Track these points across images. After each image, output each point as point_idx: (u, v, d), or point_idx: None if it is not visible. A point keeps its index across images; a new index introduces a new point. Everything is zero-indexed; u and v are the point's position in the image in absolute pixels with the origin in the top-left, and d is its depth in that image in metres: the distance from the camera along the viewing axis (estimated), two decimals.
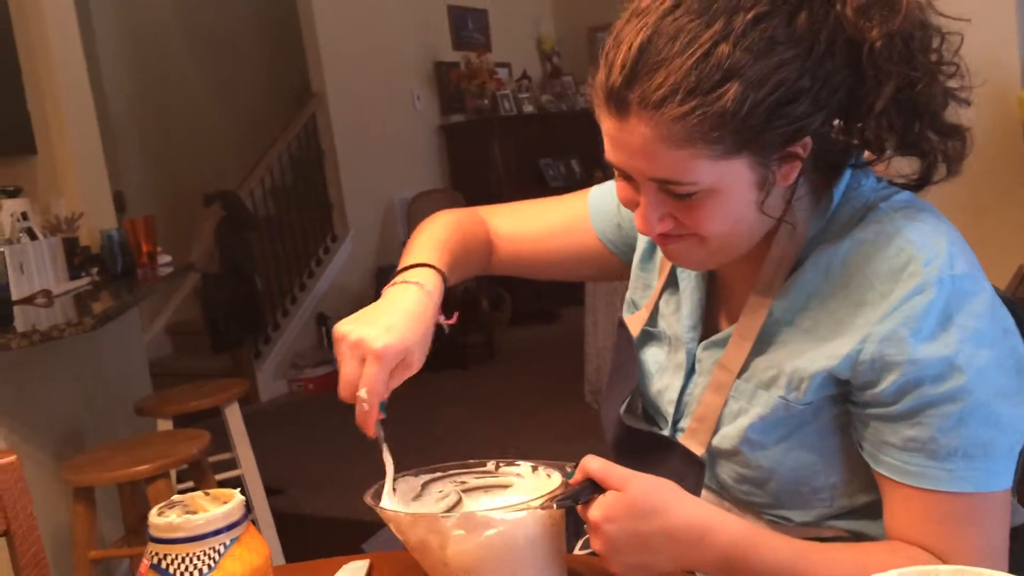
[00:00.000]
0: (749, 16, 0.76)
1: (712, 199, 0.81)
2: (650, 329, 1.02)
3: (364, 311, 0.93)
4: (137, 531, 2.54)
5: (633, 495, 0.78)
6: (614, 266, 1.12)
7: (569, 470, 0.86)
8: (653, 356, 1.01)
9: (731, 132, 0.77)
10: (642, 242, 1.07)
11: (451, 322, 0.97)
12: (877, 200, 0.86)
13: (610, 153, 0.84)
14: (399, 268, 1.00)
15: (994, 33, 2.13)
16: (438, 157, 6.64)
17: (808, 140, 0.81)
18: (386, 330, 0.88)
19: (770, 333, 0.88)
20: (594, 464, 0.80)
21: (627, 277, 1.11)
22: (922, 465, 0.79)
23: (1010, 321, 0.83)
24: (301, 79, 5.91)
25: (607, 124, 0.82)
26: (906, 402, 0.79)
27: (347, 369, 0.88)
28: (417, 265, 0.98)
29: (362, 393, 0.87)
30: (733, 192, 0.81)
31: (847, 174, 0.88)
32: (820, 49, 0.78)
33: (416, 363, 0.91)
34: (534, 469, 0.92)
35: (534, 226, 1.14)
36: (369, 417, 0.88)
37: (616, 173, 0.88)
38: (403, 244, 1.04)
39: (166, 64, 6.05)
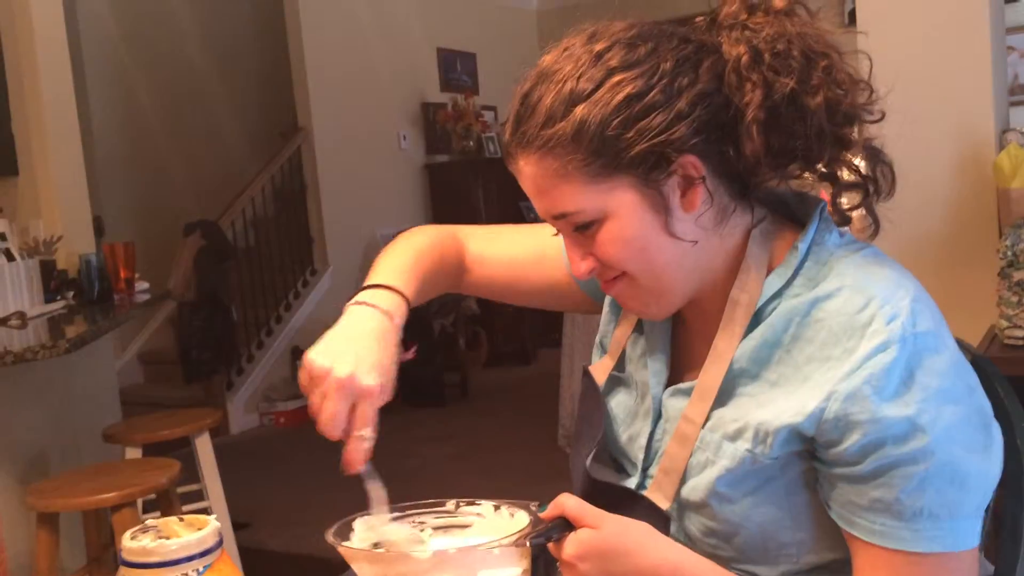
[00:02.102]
0: (592, 55, 0.85)
1: (609, 227, 0.86)
2: (618, 375, 1.03)
3: (334, 339, 0.91)
4: (100, 560, 2.49)
5: (607, 534, 0.79)
6: (586, 302, 1.13)
7: (534, 508, 0.86)
8: (623, 402, 1.01)
9: (593, 153, 0.83)
10: None
11: (409, 356, 0.96)
12: (842, 254, 0.87)
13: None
14: (366, 284, 0.99)
15: (970, 101, 2.19)
16: (421, 196, 6.68)
17: (695, 160, 0.84)
18: (371, 367, 0.87)
19: (735, 385, 0.88)
20: (571, 503, 0.81)
21: (599, 312, 1.11)
22: (888, 525, 0.79)
23: (974, 378, 0.84)
24: (288, 113, 5.95)
25: (515, 174, 0.90)
26: (870, 463, 0.79)
27: (334, 407, 0.86)
28: (383, 287, 0.98)
29: (365, 433, 0.86)
30: (625, 216, 0.85)
31: (812, 228, 0.89)
32: (667, 67, 0.84)
33: (389, 395, 0.90)
34: (496, 508, 0.91)
35: (509, 253, 1.14)
36: (364, 454, 0.87)
37: None
38: None
39: (153, 91, 6.07)
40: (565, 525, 0.81)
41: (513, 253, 1.14)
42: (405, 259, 1.03)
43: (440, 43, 6.79)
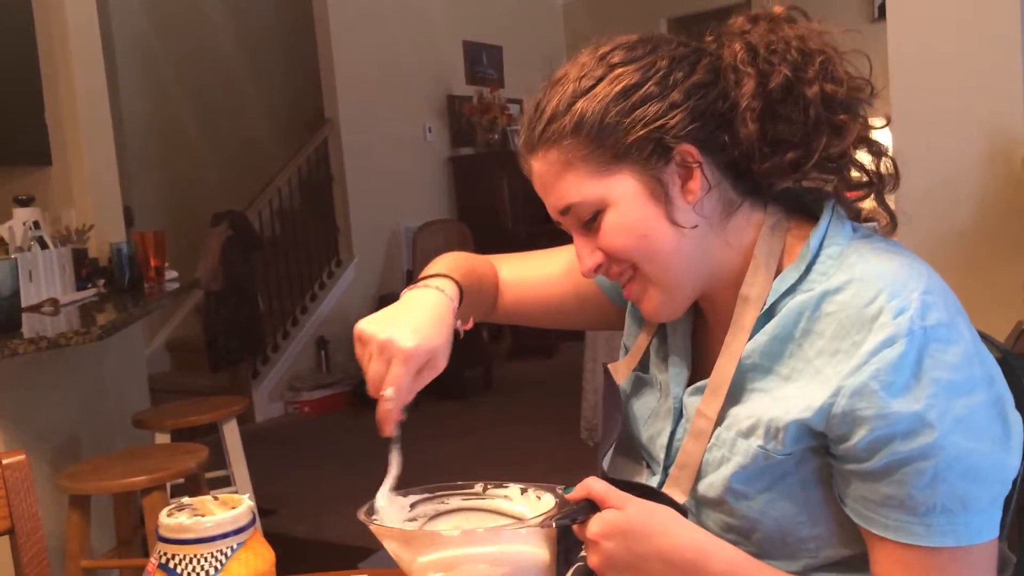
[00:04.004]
0: (595, 58, 0.90)
1: (611, 215, 0.88)
2: (642, 375, 1.03)
3: (387, 311, 0.93)
4: (129, 543, 2.53)
5: (631, 515, 0.81)
6: (614, 313, 1.13)
7: (560, 491, 0.87)
8: (646, 402, 1.02)
9: (593, 142, 0.87)
10: None
11: (468, 327, 0.98)
12: (854, 248, 0.87)
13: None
14: (418, 277, 1.01)
15: (1000, 94, 2.18)
16: (446, 188, 6.70)
17: (691, 148, 0.86)
18: (413, 331, 0.89)
19: (748, 380, 0.88)
20: (597, 485, 0.82)
21: (622, 328, 1.12)
22: (902, 520, 0.79)
23: (995, 368, 0.83)
24: (315, 105, 5.99)
25: (528, 176, 0.94)
26: (879, 459, 0.79)
27: (375, 369, 0.89)
28: (435, 275, 1.00)
29: (389, 392, 0.87)
30: (626, 204, 0.88)
31: (824, 223, 0.89)
32: (663, 64, 0.87)
33: (441, 365, 0.91)
34: (523, 491, 0.93)
35: (537, 272, 1.16)
36: (390, 416, 0.88)
37: None
38: (407, 273, 1.05)
39: (182, 83, 6.13)
40: (591, 507, 0.82)
41: (542, 273, 1.16)
42: (449, 263, 1.05)
43: (466, 36, 6.81)
